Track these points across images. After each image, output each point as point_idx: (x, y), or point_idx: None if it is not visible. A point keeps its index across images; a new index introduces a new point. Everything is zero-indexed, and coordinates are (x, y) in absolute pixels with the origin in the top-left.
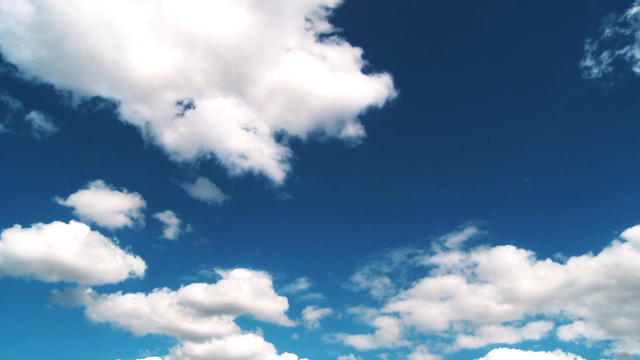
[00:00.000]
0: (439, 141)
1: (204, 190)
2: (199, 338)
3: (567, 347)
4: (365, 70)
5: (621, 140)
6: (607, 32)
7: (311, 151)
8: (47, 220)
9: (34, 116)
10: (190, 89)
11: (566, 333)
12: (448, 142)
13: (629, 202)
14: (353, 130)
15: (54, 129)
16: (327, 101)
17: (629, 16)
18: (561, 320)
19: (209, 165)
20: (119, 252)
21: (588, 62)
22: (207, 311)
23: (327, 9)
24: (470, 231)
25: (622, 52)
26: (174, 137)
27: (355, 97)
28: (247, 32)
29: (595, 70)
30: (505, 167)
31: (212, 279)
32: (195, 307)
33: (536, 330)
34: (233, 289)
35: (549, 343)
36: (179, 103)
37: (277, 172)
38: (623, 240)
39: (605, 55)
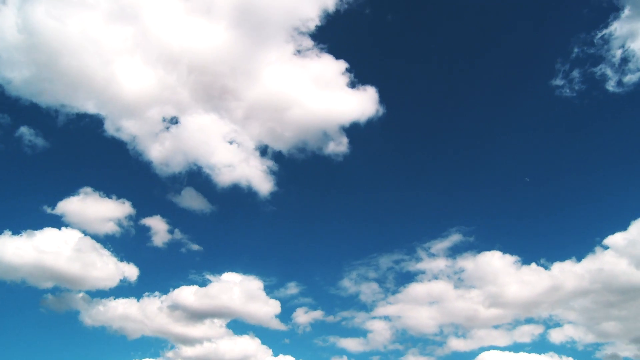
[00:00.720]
0: (422, 151)
1: (192, 201)
2: (191, 341)
3: (558, 349)
4: (349, 84)
5: (601, 152)
6: (577, 51)
7: (296, 163)
8: (38, 227)
9: (24, 131)
10: (175, 105)
11: (557, 336)
12: (430, 152)
13: (610, 211)
14: (338, 141)
15: (45, 143)
16: (311, 115)
17: (596, 37)
18: (551, 324)
19: (196, 179)
20: (109, 258)
21: (559, 82)
22: (199, 315)
23: (310, 23)
24: (455, 238)
25: (593, 70)
26: (160, 152)
27: (340, 110)
28: (229, 47)
29: (567, 90)
30: (487, 176)
31: (203, 284)
32: (187, 311)
33: (526, 333)
34: (225, 293)
35: (540, 346)
36: (164, 118)
37: (262, 185)
38: (605, 247)
39: (576, 74)
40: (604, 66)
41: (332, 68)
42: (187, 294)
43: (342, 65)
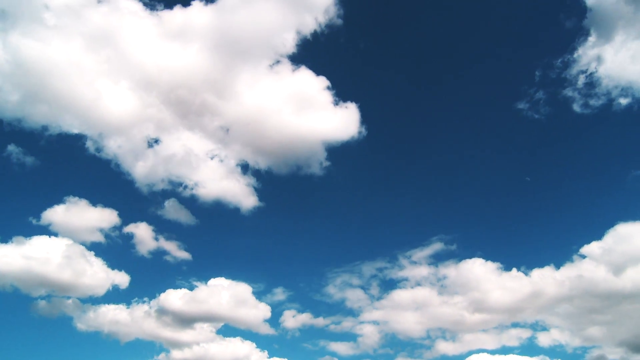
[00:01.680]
0: (403, 163)
1: (176, 213)
2: (182, 345)
3: (547, 352)
4: (333, 102)
5: (577, 166)
6: (539, 74)
7: (279, 178)
8: (27, 235)
9: (13, 149)
10: (156, 124)
11: (545, 339)
12: (411, 164)
13: (586, 221)
14: (320, 154)
15: (35, 161)
16: (291, 132)
17: (563, 61)
18: (538, 328)
19: (179, 195)
20: (99, 266)
21: (523, 105)
22: (190, 319)
23: (291, 41)
24: (436, 246)
25: (560, 92)
26: (143, 168)
27: (321, 126)
28: (208, 67)
29: (535, 114)
30: (467, 187)
31: (191, 289)
32: (178, 316)
33: (514, 337)
34: (215, 298)
35: (528, 349)
36: (146, 137)
37: (245, 199)
38: (583, 256)
39: (543, 96)
40: (570, 89)
41: (314, 86)
42: (176, 300)
43: (323, 83)
